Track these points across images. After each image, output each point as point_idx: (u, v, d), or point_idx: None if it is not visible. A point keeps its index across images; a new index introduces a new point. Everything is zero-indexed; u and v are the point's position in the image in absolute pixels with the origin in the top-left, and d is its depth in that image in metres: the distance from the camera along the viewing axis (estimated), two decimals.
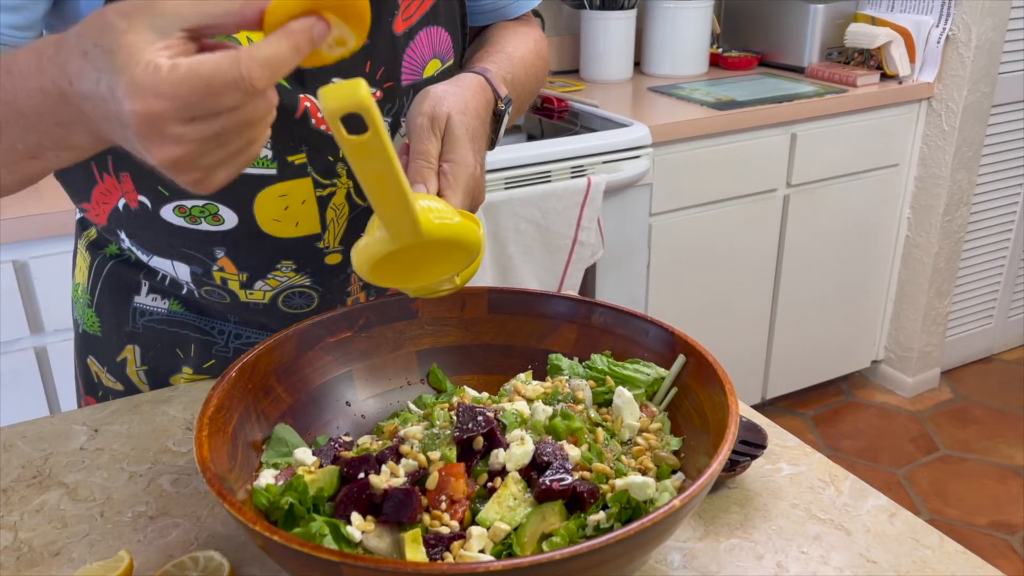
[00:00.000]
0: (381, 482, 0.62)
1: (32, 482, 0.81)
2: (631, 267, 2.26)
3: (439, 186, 0.73)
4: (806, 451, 0.84)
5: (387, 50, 0.83)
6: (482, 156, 0.79)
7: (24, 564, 0.70)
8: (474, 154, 0.76)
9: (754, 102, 2.34)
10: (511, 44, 0.93)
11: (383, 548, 0.60)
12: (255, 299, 0.91)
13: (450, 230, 0.64)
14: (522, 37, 0.96)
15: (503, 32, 0.96)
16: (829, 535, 0.72)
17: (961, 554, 0.70)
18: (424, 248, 0.64)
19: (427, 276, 0.69)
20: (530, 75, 0.94)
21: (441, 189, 0.73)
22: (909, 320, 2.85)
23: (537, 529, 0.61)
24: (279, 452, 0.70)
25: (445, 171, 0.73)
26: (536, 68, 0.96)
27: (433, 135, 0.74)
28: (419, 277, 0.69)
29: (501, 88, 0.83)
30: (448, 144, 0.74)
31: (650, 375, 0.75)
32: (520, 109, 0.94)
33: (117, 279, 0.94)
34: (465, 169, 0.74)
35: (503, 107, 0.82)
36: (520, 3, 0.99)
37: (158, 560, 0.71)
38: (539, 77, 0.97)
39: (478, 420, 0.66)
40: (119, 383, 0.97)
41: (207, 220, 0.84)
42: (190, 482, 0.80)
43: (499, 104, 0.82)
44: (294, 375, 0.76)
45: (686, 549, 0.71)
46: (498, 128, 0.84)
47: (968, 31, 2.49)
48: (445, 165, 0.74)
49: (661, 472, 0.68)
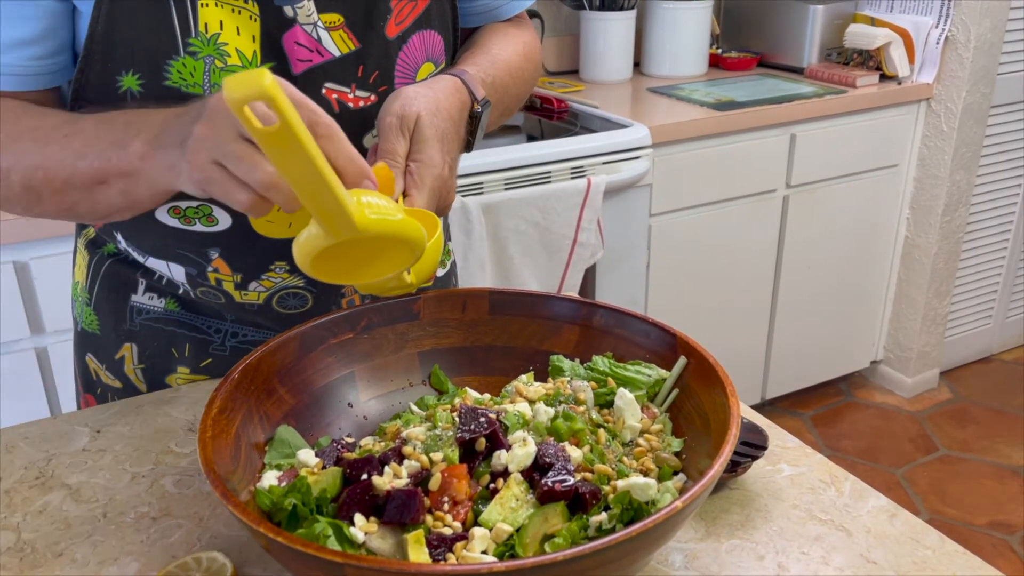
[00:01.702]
0: (384, 483, 0.62)
1: (35, 483, 0.81)
2: (631, 268, 2.27)
3: (405, 185, 0.74)
4: (806, 452, 0.84)
5: (380, 54, 0.84)
6: (452, 157, 0.79)
7: (27, 565, 0.71)
8: (442, 155, 0.76)
9: (754, 103, 2.34)
10: (497, 46, 0.93)
11: (386, 549, 0.60)
12: (250, 300, 0.91)
13: (389, 225, 0.63)
14: (510, 39, 0.96)
15: (491, 34, 0.96)
16: (830, 536, 0.73)
17: (961, 554, 0.71)
18: (366, 244, 0.63)
19: (373, 273, 0.68)
20: (516, 77, 0.93)
21: (407, 188, 0.74)
22: (908, 320, 2.85)
23: (539, 530, 0.61)
24: (282, 453, 0.70)
25: (411, 170, 0.74)
26: (523, 70, 0.95)
27: (401, 135, 0.74)
28: (365, 274, 0.68)
29: (478, 90, 0.83)
30: (416, 144, 0.75)
31: (651, 376, 0.76)
32: (507, 111, 0.93)
33: (115, 278, 0.95)
34: (431, 169, 0.74)
35: (479, 108, 0.83)
36: (512, 4, 0.98)
37: (161, 561, 0.71)
38: (526, 79, 0.97)
39: (480, 421, 0.67)
40: (117, 380, 0.98)
41: (201, 221, 0.84)
42: (192, 483, 0.81)
43: (475, 106, 0.82)
44: (296, 376, 0.76)
45: (687, 550, 0.71)
46: (474, 130, 0.84)
47: (967, 32, 2.50)
48: (412, 165, 0.74)
49: (663, 473, 0.68)
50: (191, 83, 0.76)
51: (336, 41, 0.81)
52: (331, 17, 0.81)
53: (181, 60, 0.75)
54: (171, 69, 0.76)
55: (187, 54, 0.75)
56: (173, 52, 0.75)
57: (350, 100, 0.83)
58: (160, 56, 0.75)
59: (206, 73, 0.76)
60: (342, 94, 0.82)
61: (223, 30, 0.76)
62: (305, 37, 0.79)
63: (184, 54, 0.75)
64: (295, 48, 0.79)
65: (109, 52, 0.75)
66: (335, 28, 0.81)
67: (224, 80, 0.53)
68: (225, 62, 0.76)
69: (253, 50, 0.77)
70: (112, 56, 0.75)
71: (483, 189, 1.95)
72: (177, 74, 0.76)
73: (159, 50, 0.75)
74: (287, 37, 0.79)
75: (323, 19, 0.80)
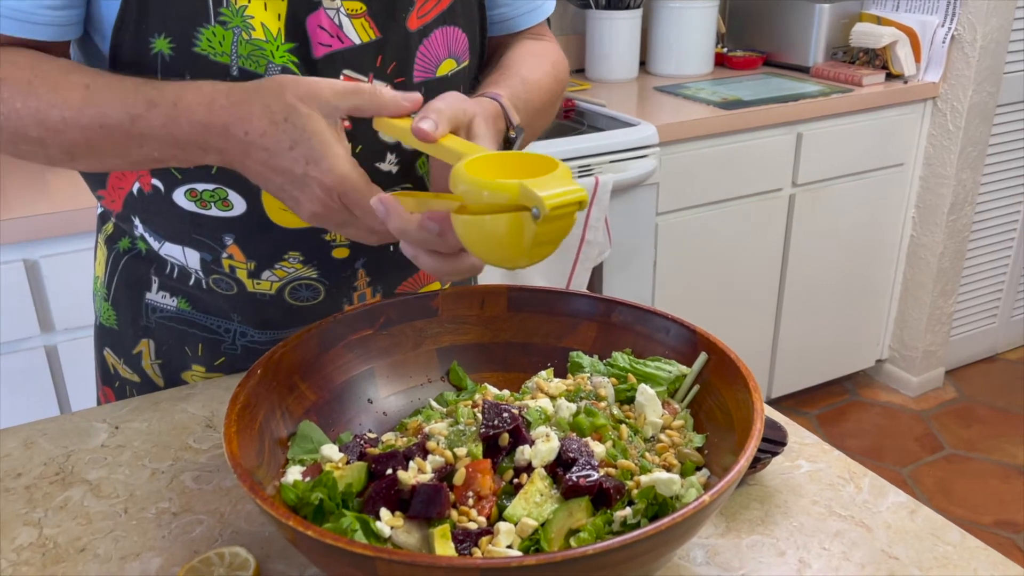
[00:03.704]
0: (409, 478, 0.62)
1: (55, 479, 0.81)
2: (637, 266, 2.27)
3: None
4: (824, 448, 0.85)
5: (399, 46, 0.84)
6: None
7: (50, 560, 0.71)
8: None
9: (760, 102, 2.35)
10: (526, 67, 0.92)
11: (412, 543, 0.60)
12: (262, 289, 0.91)
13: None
14: (539, 60, 0.95)
15: (521, 55, 0.95)
16: (850, 532, 0.73)
17: (982, 550, 0.71)
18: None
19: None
20: (545, 100, 0.94)
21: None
22: (913, 319, 2.85)
23: (564, 525, 0.61)
24: (304, 449, 0.70)
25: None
26: (552, 92, 0.95)
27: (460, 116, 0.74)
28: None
29: (514, 116, 0.83)
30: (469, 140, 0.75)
31: (671, 373, 0.76)
32: (534, 133, 0.94)
33: (130, 274, 0.95)
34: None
35: (514, 135, 0.83)
36: (530, 15, 0.98)
37: (183, 556, 0.71)
38: (555, 101, 0.97)
39: (503, 417, 0.67)
40: (135, 374, 0.99)
41: (217, 205, 0.85)
42: (212, 479, 0.81)
43: (510, 132, 0.83)
44: (317, 372, 0.76)
45: (708, 545, 0.72)
46: None
47: (973, 31, 2.50)
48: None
49: (685, 469, 0.68)
50: (219, 52, 0.77)
51: (357, 29, 0.82)
52: (354, 5, 0.81)
53: (211, 28, 0.77)
54: (201, 37, 0.77)
55: (217, 23, 0.77)
56: (204, 20, 0.77)
57: None
58: (191, 23, 0.77)
59: (234, 43, 0.77)
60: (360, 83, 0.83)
61: (251, 2, 0.77)
62: (328, 22, 0.80)
63: (215, 23, 0.77)
64: (317, 31, 0.80)
65: (143, 15, 0.76)
66: (357, 16, 0.81)
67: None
68: (250, 35, 0.78)
69: (278, 28, 0.78)
70: (146, 19, 0.76)
71: None
72: (206, 42, 0.77)
73: (191, 16, 0.76)
74: (311, 19, 0.79)
75: (346, 6, 0.81)
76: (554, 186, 0.61)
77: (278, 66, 0.78)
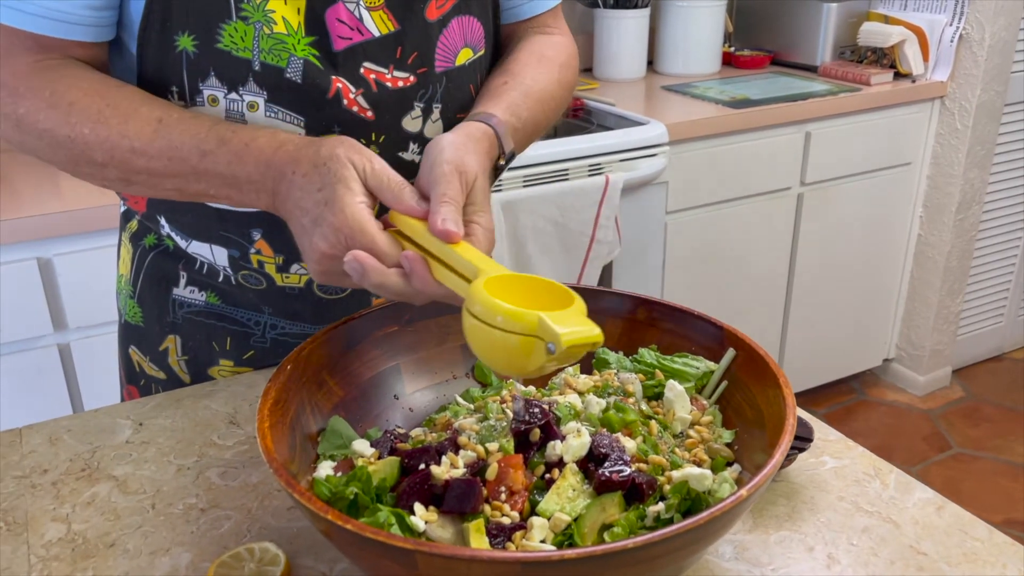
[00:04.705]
0: (442, 473, 0.62)
1: (81, 475, 0.81)
2: (647, 265, 2.27)
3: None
4: (848, 444, 0.85)
5: (419, 36, 0.84)
6: None
7: (80, 555, 0.71)
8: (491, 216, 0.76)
9: (768, 101, 2.35)
10: (531, 75, 0.91)
11: (446, 538, 0.60)
12: (291, 283, 0.92)
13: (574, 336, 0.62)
14: (546, 66, 0.93)
15: (527, 58, 0.93)
16: (878, 527, 0.73)
17: (1010, 546, 0.71)
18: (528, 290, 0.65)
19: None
20: (549, 109, 0.92)
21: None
22: (921, 318, 2.86)
23: (597, 520, 0.62)
24: (334, 444, 0.70)
25: (475, 233, 0.73)
26: (557, 99, 0.94)
27: (461, 186, 0.73)
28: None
29: (508, 143, 0.83)
30: (474, 205, 0.74)
31: (699, 369, 0.76)
32: (531, 141, 0.93)
33: (157, 270, 0.95)
34: (490, 235, 0.74)
35: (503, 163, 0.83)
36: (534, 4, 0.97)
37: (212, 551, 0.71)
38: (560, 108, 0.96)
39: (534, 412, 0.67)
40: (161, 372, 0.99)
41: None
42: (238, 475, 0.81)
43: (500, 160, 0.83)
44: (344, 369, 0.77)
45: (737, 541, 0.72)
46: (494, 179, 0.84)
47: (981, 30, 2.50)
48: (475, 227, 0.73)
49: (716, 464, 0.68)
50: (241, 47, 0.78)
51: (376, 21, 0.82)
52: None
53: (233, 24, 0.77)
54: (223, 33, 0.77)
55: (239, 19, 0.77)
56: (226, 16, 0.77)
57: (388, 80, 0.84)
58: (214, 19, 0.77)
59: (256, 38, 0.78)
60: (380, 74, 0.83)
61: None
62: (347, 15, 0.80)
63: (236, 19, 0.77)
64: (336, 25, 0.80)
65: (167, 13, 0.77)
66: (376, 8, 0.82)
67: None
68: (272, 29, 0.78)
69: (298, 22, 0.79)
70: (169, 16, 0.77)
71: (502, 187, 1.95)
72: (229, 38, 0.77)
73: (213, 13, 0.77)
74: (330, 13, 0.80)
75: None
76: (572, 323, 0.60)
77: (300, 59, 0.79)
